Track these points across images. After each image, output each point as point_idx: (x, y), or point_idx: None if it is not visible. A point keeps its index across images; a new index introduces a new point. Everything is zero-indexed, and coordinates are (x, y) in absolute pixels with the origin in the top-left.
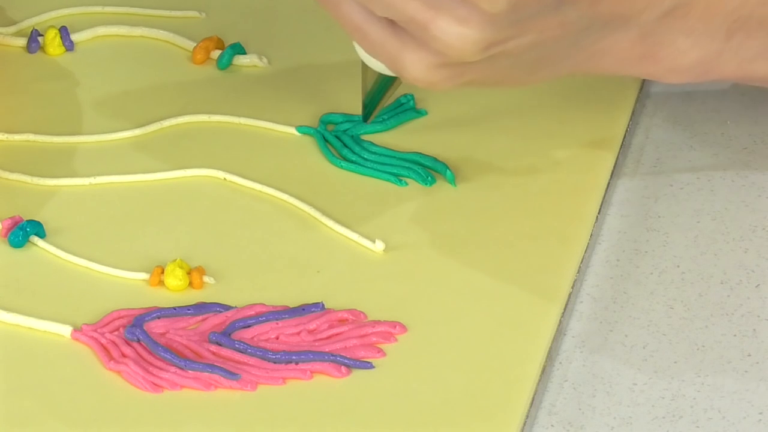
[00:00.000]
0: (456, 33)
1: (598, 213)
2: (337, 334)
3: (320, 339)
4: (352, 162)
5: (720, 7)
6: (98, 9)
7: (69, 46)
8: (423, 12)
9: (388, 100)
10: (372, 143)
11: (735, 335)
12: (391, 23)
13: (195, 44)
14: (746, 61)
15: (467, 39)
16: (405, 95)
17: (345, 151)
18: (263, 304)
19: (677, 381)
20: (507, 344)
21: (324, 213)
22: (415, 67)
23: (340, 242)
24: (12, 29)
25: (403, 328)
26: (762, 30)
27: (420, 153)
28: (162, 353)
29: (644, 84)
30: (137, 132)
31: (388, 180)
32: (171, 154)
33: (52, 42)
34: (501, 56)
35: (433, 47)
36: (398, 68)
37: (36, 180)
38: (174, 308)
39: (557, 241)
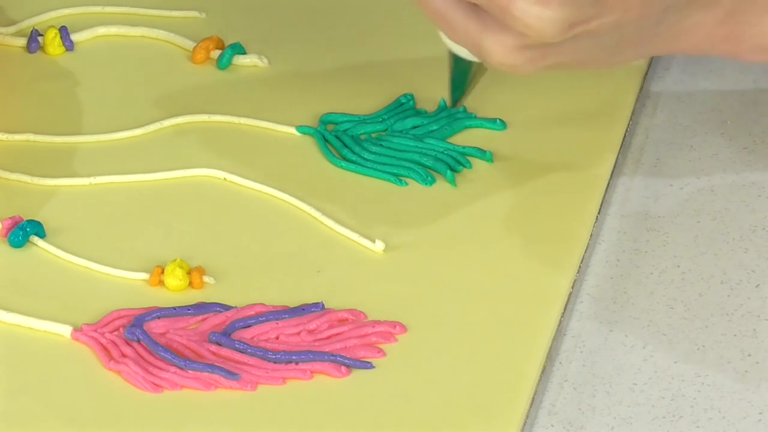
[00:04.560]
0: (536, 13)
1: (598, 213)
2: (337, 334)
3: (320, 339)
4: (352, 162)
5: None
6: (98, 9)
7: (69, 46)
8: None
9: (475, 86)
10: (372, 143)
11: (735, 335)
12: (473, 7)
13: (195, 44)
14: None
15: (548, 19)
16: (405, 95)
17: (345, 151)
18: (263, 304)
19: (677, 381)
20: (507, 344)
21: (324, 213)
22: (497, 50)
23: (340, 242)
24: (12, 29)
25: (403, 328)
26: None
27: (420, 153)
28: (162, 353)
29: (644, 84)
30: (137, 132)
31: (388, 180)
32: (171, 154)
33: (52, 42)
34: (584, 37)
35: (514, 29)
36: (481, 52)
37: (36, 180)
38: (174, 308)
39: (557, 241)
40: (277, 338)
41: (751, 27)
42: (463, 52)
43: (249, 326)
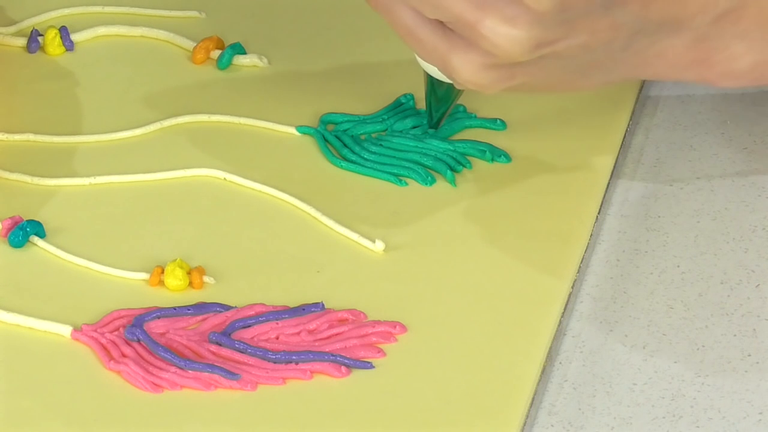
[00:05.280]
0: (504, 32)
1: (598, 213)
2: (337, 334)
3: (320, 339)
4: (352, 162)
5: None
6: (98, 9)
7: (69, 46)
8: (470, 11)
9: (453, 105)
10: (372, 143)
11: (735, 335)
12: (441, 25)
13: (195, 44)
14: None
15: (515, 38)
16: (405, 95)
17: (345, 151)
18: (263, 304)
19: (677, 381)
20: (507, 344)
21: (324, 213)
22: (464, 69)
23: (340, 242)
24: (12, 29)
25: (403, 328)
26: None
27: (421, 153)
28: (162, 353)
29: (644, 85)
30: (137, 132)
31: (388, 180)
32: (171, 154)
33: (52, 42)
34: (551, 58)
35: (481, 47)
36: (448, 70)
37: (36, 180)
38: (174, 308)
39: (557, 241)
40: (277, 338)
41: (721, 52)
42: (436, 72)
43: (249, 326)
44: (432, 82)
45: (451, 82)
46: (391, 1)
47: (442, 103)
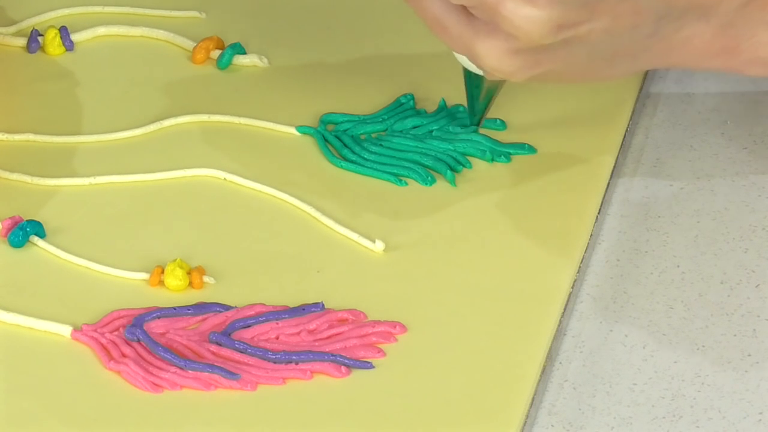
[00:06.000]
0: (524, 13)
1: (598, 213)
2: (337, 334)
3: (320, 339)
4: (352, 162)
5: None
6: (98, 9)
7: (69, 46)
8: None
9: (493, 100)
10: (372, 143)
11: (735, 335)
12: (467, 13)
13: (195, 44)
14: None
15: (536, 19)
16: (405, 95)
17: (345, 151)
18: (263, 304)
19: (677, 381)
20: (507, 344)
21: (324, 213)
22: (489, 55)
23: (340, 242)
24: (12, 29)
25: (403, 328)
26: None
27: (421, 153)
28: (162, 353)
29: (644, 84)
30: (137, 132)
31: (388, 180)
32: (171, 154)
33: (52, 42)
34: (576, 44)
35: (504, 31)
36: (475, 57)
37: (36, 180)
38: (174, 308)
39: (557, 241)
40: (277, 338)
41: (747, 39)
42: (471, 66)
43: (249, 326)
44: (469, 77)
45: (479, 72)
46: None
47: (479, 97)
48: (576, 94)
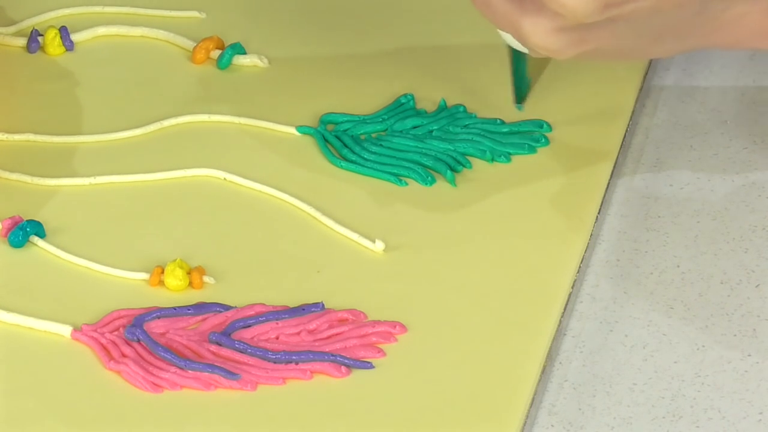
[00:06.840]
0: None
1: (598, 213)
2: (337, 334)
3: (320, 339)
4: (352, 162)
5: None
6: (98, 9)
7: (69, 46)
8: None
9: (537, 78)
10: (372, 143)
11: (735, 335)
12: None
13: (195, 44)
14: None
15: None
16: (405, 95)
17: (345, 151)
18: (263, 304)
19: (677, 381)
20: (507, 344)
21: (324, 213)
22: (535, 33)
23: (340, 242)
24: (12, 29)
25: (403, 328)
26: None
27: (421, 153)
28: (162, 353)
29: (644, 84)
30: (137, 132)
31: (388, 180)
32: (171, 154)
33: (52, 42)
34: (622, 21)
35: (550, 10)
36: (520, 36)
37: (36, 180)
38: (174, 308)
39: (557, 241)
40: (277, 338)
41: None
42: (516, 44)
43: (249, 326)
44: (515, 56)
45: (524, 50)
46: None
47: (524, 75)
48: (576, 93)
